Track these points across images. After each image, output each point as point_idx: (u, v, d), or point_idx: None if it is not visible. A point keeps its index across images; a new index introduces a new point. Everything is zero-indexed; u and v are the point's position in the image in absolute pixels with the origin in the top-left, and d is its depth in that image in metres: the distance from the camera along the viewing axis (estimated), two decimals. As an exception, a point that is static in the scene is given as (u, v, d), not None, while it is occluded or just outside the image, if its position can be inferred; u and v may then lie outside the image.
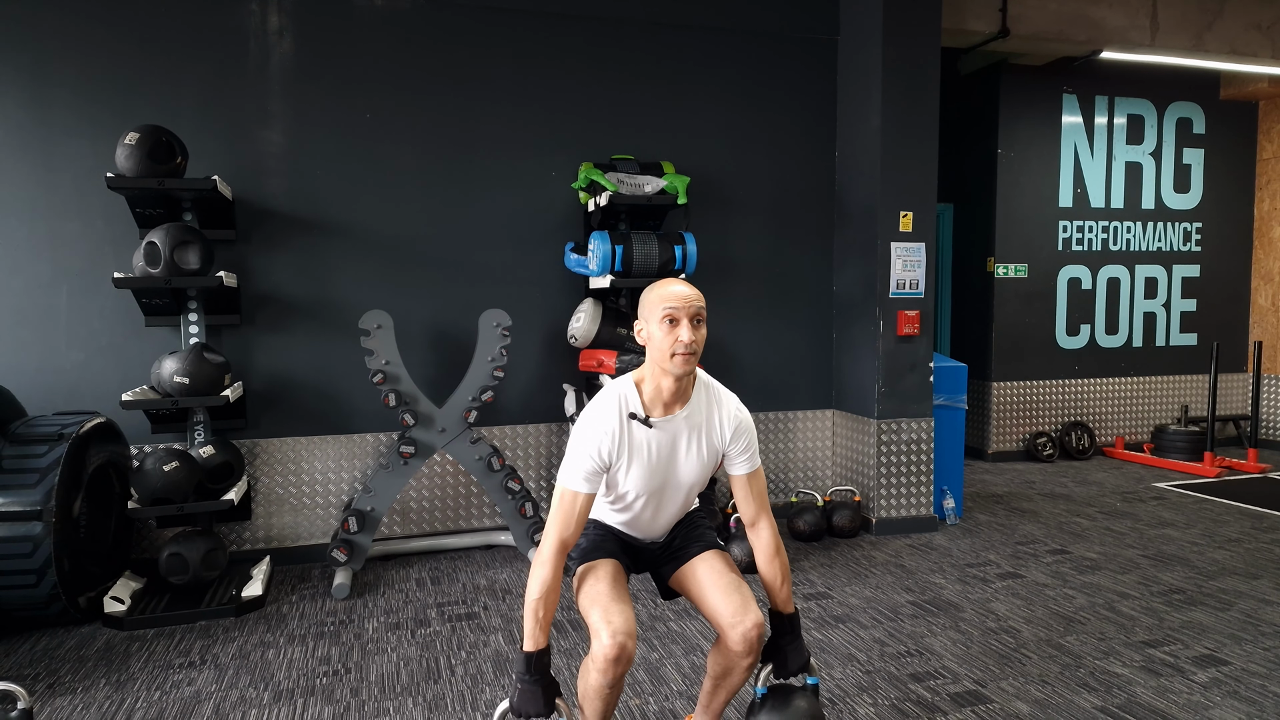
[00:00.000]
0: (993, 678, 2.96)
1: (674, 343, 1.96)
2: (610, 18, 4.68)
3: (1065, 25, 5.62)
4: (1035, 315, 6.84)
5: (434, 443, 4.10)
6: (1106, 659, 3.11)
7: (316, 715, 2.73)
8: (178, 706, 2.80)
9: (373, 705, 2.80)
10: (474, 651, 3.23)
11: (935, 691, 2.86)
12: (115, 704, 2.82)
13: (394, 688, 2.93)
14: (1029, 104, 6.67)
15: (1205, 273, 7.35)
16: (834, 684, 2.92)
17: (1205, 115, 7.21)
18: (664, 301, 1.98)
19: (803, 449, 5.16)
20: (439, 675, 3.03)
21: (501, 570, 4.22)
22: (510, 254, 4.60)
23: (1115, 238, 7.03)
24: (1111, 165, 6.97)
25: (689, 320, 1.97)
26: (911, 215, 4.67)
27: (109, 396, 4.03)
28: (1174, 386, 7.29)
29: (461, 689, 2.91)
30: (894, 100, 4.62)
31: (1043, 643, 3.26)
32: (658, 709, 2.76)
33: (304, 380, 4.33)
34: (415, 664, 3.12)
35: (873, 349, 4.72)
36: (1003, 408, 6.78)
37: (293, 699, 2.85)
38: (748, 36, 4.91)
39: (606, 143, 4.70)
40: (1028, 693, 2.84)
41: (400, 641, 3.34)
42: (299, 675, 3.03)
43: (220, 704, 2.81)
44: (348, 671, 3.07)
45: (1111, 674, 2.98)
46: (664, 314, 1.97)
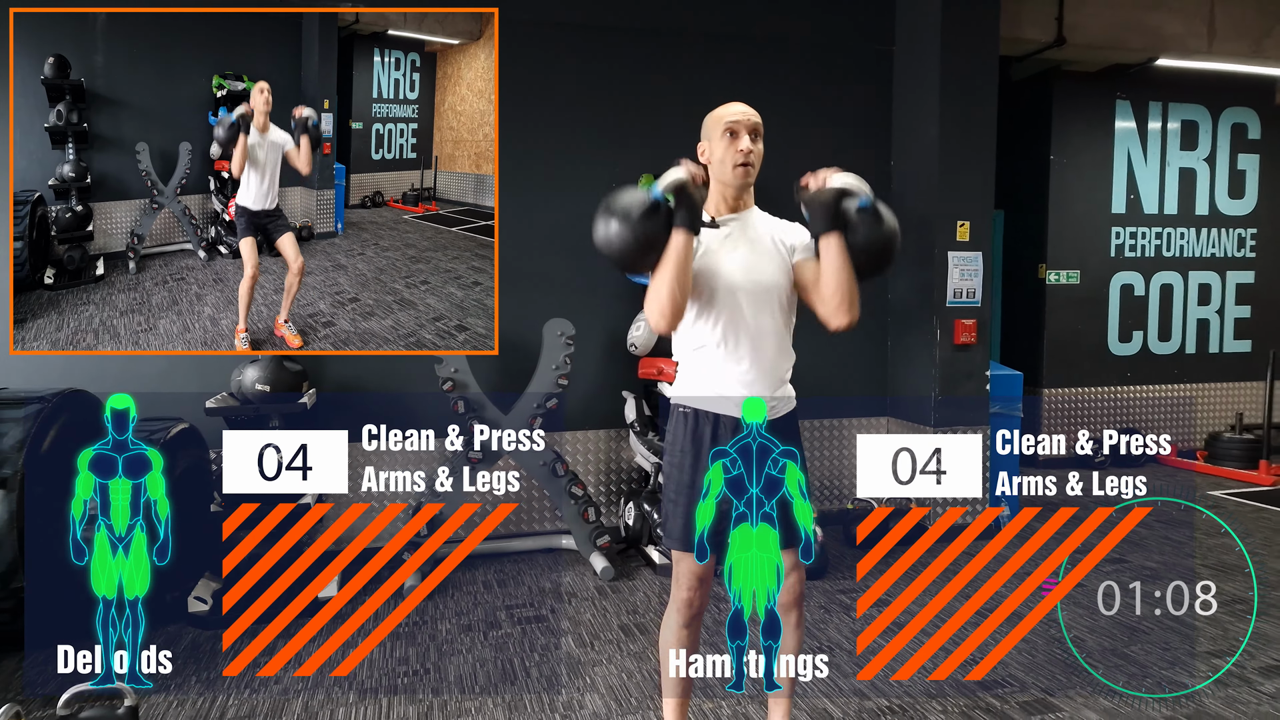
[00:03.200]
0: (1060, 687, 3.00)
1: (735, 153, 2.15)
2: (670, 29, 4.76)
3: (1122, 33, 5.61)
4: (1087, 322, 6.80)
5: (500, 449, 4.20)
6: (1172, 669, 3.13)
7: (402, 714, 2.85)
8: (268, 703, 2.92)
9: (455, 705, 2.90)
10: (546, 654, 3.33)
11: (1004, 699, 2.91)
12: (208, 701, 2.95)
13: (473, 688, 3.03)
14: (1082, 110, 6.64)
15: (1260, 279, 7.26)
16: (903, 690, 2.98)
17: (1260, 121, 7.12)
18: (725, 118, 2.20)
19: (810, 456, 5.18)
20: (515, 676, 3.12)
21: (565, 574, 4.31)
22: (571, 262, 4.70)
23: (1169, 244, 6.98)
24: (1165, 171, 6.91)
25: (748, 133, 2.17)
26: (969, 225, 4.70)
27: (187, 401, 4.18)
28: (1228, 393, 7.21)
29: (538, 689, 3.01)
30: (951, 110, 4.65)
31: (1108, 652, 3.29)
32: (730, 712, 2.83)
33: (368, 387, 4.46)
34: (491, 665, 3.23)
35: (929, 358, 4.75)
36: (1054, 414, 6.76)
37: (377, 698, 2.96)
38: (803, 47, 4.97)
39: (666, 151, 4.76)
40: (1096, 702, 2.88)
41: (474, 643, 3.45)
42: (380, 675, 3.15)
43: (309, 702, 2.93)
44: (427, 672, 3.18)
45: (1178, 684, 3.01)
46: (725, 127, 2.19)
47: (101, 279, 4.73)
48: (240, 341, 4.27)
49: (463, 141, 5.90)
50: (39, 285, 4.52)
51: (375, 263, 5.25)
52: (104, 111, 4.71)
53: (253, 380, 3.77)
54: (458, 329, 4.61)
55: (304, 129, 4.14)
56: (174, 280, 4.81)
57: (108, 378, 4.15)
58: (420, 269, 5.20)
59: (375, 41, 5.72)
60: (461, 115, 5.92)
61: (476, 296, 4.84)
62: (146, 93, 4.88)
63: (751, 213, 2.27)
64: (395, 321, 4.66)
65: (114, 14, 4.58)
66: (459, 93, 5.93)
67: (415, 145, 6.03)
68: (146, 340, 4.33)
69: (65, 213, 4.55)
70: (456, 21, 5.62)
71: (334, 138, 5.39)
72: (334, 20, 5.17)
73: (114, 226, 4.85)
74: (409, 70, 5.94)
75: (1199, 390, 7.14)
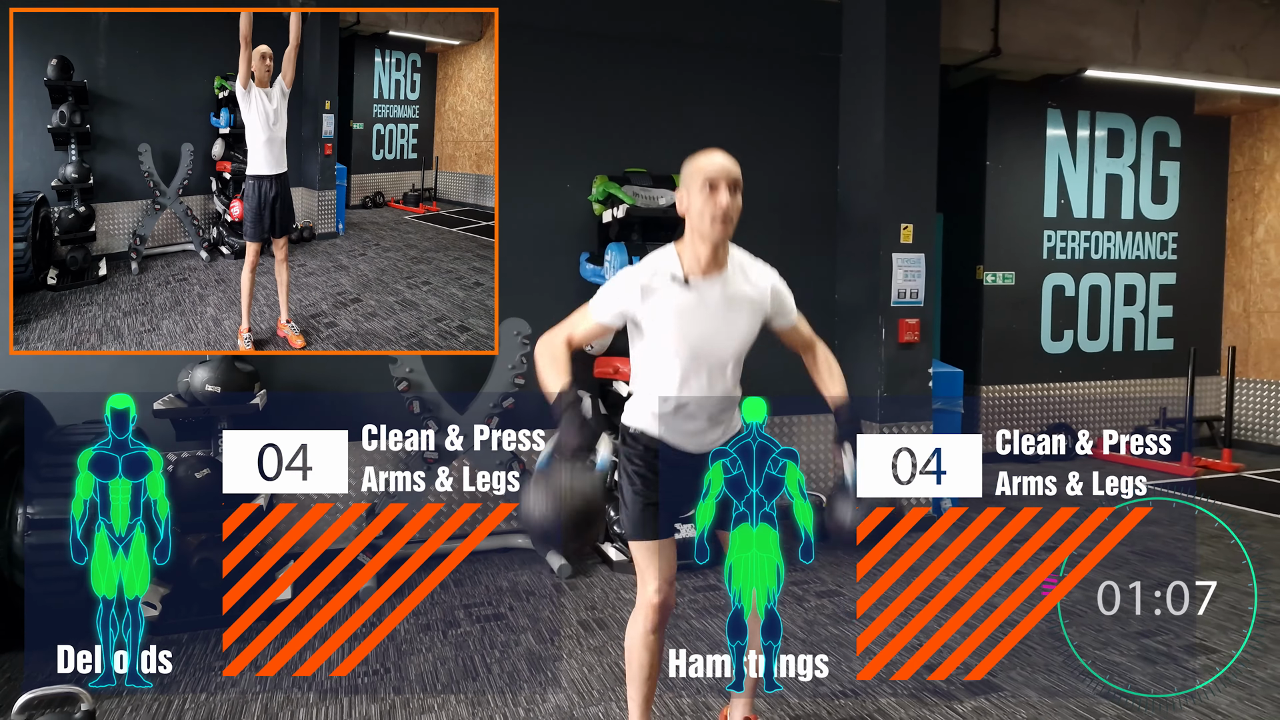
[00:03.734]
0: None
1: (713, 207, 2.08)
2: (623, 35, 4.83)
3: (1054, 45, 5.86)
4: (1022, 321, 7.08)
5: (456, 449, 4.21)
6: (1105, 649, 3.30)
7: (364, 713, 2.85)
8: (225, 708, 2.90)
9: (417, 703, 2.92)
10: (507, 650, 3.36)
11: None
12: (164, 706, 2.92)
13: (434, 685, 3.05)
14: (1016, 118, 6.90)
15: (1181, 280, 7.63)
16: (852, 674, 3.08)
17: (1181, 130, 7.49)
18: (703, 171, 2.11)
19: (806, 452, 5.33)
20: (476, 673, 3.15)
21: (521, 573, 4.34)
22: (527, 263, 4.73)
23: (1096, 247, 7.29)
24: (1093, 177, 7.23)
25: (727, 187, 2.09)
26: (912, 227, 4.86)
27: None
28: (1153, 389, 7.57)
29: (500, 685, 3.04)
30: (895, 116, 4.81)
31: (1044, 634, 3.43)
32: (691, 702, 2.90)
33: (322, 387, 4.43)
34: (452, 663, 3.25)
35: (875, 356, 4.91)
36: (991, 410, 7.01)
37: (338, 697, 2.96)
38: (754, 53, 5.08)
39: (619, 156, 4.84)
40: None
41: (434, 642, 3.46)
42: (341, 675, 3.14)
43: (268, 704, 2.92)
44: (387, 671, 3.18)
45: (1111, 662, 3.18)
46: (704, 180, 2.10)
47: (104, 280, 4.70)
48: (243, 341, 4.26)
49: (463, 142, 5.88)
50: (42, 286, 4.49)
51: (377, 263, 5.21)
52: (106, 113, 4.69)
53: (202, 381, 3.72)
54: (459, 329, 4.61)
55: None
56: (176, 281, 4.79)
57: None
58: (422, 269, 5.18)
59: (376, 42, 5.68)
60: (462, 116, 5.90)
61: (478, 297, 4.85)
62: (149, 94, 4.86)
63: (730, 270, 2.22)
64: (397, 322, 4.65)
65: (116, 17, 4.57)
66: (460, 93, 5.91)
67: (416, 146, 6.00)
68: (150, 340, 4.32)
69: (68, 214, 4.53)
70: (457, 22, 5.61)
71: (335, 138, 5.37)
72: (335, 21, 5.16)
73: (116, 227, 4.82)
74: (410, 71, 5.91)
75: (1126, 386, 7.48)
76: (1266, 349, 7.60)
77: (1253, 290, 7.66)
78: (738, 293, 2.23)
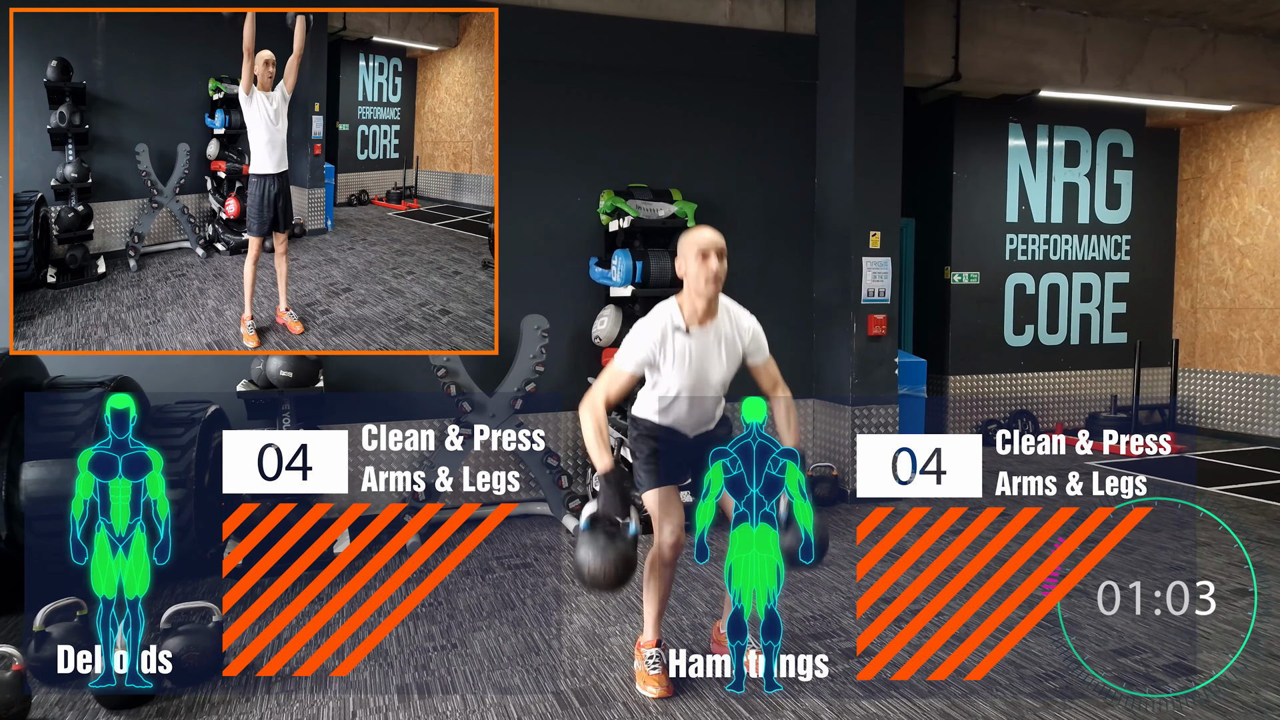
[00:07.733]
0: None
1: (706, 272, 2.71)
2: (627, 67, 5.52)
3: (1008, 70, 6.56)
4: (986, 317, 7.78)
5: (486, 426, 4.90)
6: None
7: (427, 632, 3.54)
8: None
9: (469, 624, 3.61)
10: (536, 589, 4.05)
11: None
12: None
13: (480, 612, 3.74)
14: (980, 132, 7.61)
15: (1134, 279, 8.35)
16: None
17: (1133, 141, 8.21)
18: (698, 243, 2.74)
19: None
20: (513, 604, 3.84)
21: (542, 533, 5.02)
22: (544, 266, 5.42)
23: (1055, 249, 8.01)
24: (1052, 185, 7.94)
25: (715, 256, 2.73)
26: (880, 234, 5.56)
27: (208, 384, 4.75)
28: (1106, 379, 8.29)
29: (534, 613, 3.73)
30: (864, 137, 5.51)
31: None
32: (690, 623, 3.60)
33: (374, 376, 5.11)
34: (492, 598, 3.93)
35: (847, 347, 5.61)
36: (959, 398, 7.72)
37: (405, 620, 3.63)
38: (743, 81, 5.78)
39: (623, 173, 5.54)
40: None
41: (475, 583, 4.15)
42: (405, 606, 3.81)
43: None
44: (439, 604, 3.87)
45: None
46: (698, 251, 2.73)
47: (103, 277, 4.97)
48: (247, 329, 4.60)
49: (441, 142, 6.34)
50: (42, 284, 4.76)
51: (364, 256, 5.69)
52: (104, 113, 4.88)
53: (277, 368, 4.39)
54: (441, 313, 5.07)
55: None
56: (175, 276, 5.09)
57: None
58: (405, 261, 5.66)
59: (361, 47, 6.04)
60: (440, 118, 6.36)
61: (457, 284, 5.36)
62: (145, 95, 5.05)
63: (720, 319, 2.84)
64: (386, 309, 5.15)
65: (113, 19, 4.76)
66: (438, 96, 6.35)
67: (398, 146, 6.40)
68: (156, 332, 4.64)
69: (66, 212, 4.72)
70: (435, 29, 6.05)
71: (324, 139, 5.67)
72: (324, 26, 5.50)
73: (113, 226, 5.06)
74: (391, 75, 6.27)
75: (1082, 377, 8.20)
76: (1210, 342, 8.33)
77: (1199, 288, 8.38)
78: (727, 335, 2.89)
